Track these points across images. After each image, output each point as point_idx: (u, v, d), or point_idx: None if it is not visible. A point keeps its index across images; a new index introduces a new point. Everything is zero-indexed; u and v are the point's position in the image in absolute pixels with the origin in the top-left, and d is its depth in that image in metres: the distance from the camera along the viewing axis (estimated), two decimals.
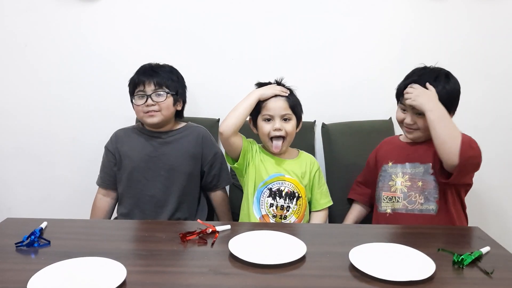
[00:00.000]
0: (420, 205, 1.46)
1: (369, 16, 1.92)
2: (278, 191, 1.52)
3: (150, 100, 1.60)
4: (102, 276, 0.96)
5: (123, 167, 1.66)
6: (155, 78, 1.61)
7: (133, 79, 1.64)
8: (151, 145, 1.66)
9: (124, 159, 1.66)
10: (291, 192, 1.52)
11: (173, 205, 1.64)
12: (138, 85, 1.62)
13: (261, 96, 1.50)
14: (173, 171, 1.64)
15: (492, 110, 1.98)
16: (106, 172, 1.72)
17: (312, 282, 0.98)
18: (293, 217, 1.52)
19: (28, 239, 1.13)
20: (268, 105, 1.51)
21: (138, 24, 1.93)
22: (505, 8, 1.91)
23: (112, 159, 1.69)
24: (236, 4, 1.91)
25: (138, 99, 1.62)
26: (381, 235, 1.25)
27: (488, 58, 1.95)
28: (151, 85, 1.61)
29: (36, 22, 1.93)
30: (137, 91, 1.62)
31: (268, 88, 1.53)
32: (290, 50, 1.95)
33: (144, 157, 1.64)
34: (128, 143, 1.68)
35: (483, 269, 1.03)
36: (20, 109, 2.01)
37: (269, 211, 1.51)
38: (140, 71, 1.65)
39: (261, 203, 1.52)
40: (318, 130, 1.98)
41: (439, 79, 1.45)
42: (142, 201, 1.65)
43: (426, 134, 1.47)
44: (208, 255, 1.10)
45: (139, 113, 1.64)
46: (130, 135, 1.70)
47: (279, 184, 1.52)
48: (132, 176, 1.65)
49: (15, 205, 2.09)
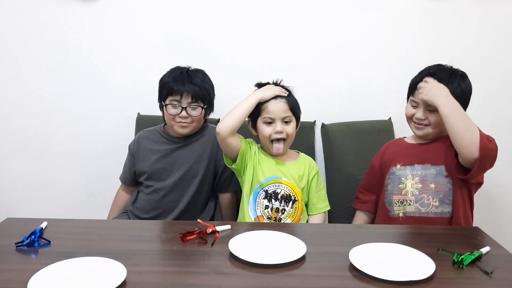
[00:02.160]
0: (435, 208, 1.43)
1: (370, 17, 1.92)
2: (274, 193, 1.51)
3: (185, 113, 1.59)
4: (102, 276, 0.96)
5: (140, 167, 1.68)
6: (192, 90, 1.58)
7: (169, 86, 1.58)
8: (170, 147, 1.66)
9: (143, 160, 1.68)
10: (287, 195, 1.52)
11: (184, 205, 1.64)
12: (173, 93, 1.58)
13: (261, 99, 1.50)
14: (188, 172, 1.64)
15: (492, 110, 1.98)
16: (126, 170, 1.75)
17: (312, 282, 0.98)
18: (288, 220, 1.51)
19: (28, 239, 1.13)
20: (268, 108, 1.50)
21: (138, 24, 1.93)
22: (506, 8, 1.91)
23: (132, 158, 1.72)
24: (236, 4, 1.91)
25: (172, 108, 1.59)
26: (381, 235, 1.25)
27: (490, 58, 1.94)
28: (188, 97, 1.58)
29: (36, 22, 1.93)
30: (172, 100, 1.59)
31: (268, 90, 1.52)
32: (290, 50, 1.95)
33: (161, 159, 1.65)
34: (148, 144, 1.69)
35: (483, 269, 1.03)
36: (20, 109, 2.01)
37: (264, 213, 1.51)
38: (177, 77, 1.59)
39: (257, 204, 1.52)
40: (318, 130, 1.97)
41: (455, 77, 1.45)
42: (155, 200, 1.65)
43: (435, 131, 1.46)
44: (208, 255, 1.11)
45: (170, 120, 1.62)
46: (152, 137, 1.71)
47: (275, 187, 1.52)
48: (148, 176, 1.66)
49: (15, 205, 2.09)
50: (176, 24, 1.93)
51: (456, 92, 1.41)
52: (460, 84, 1.44)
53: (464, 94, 1.45)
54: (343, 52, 1.95)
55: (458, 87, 1.43)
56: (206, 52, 1.95)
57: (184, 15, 1.92)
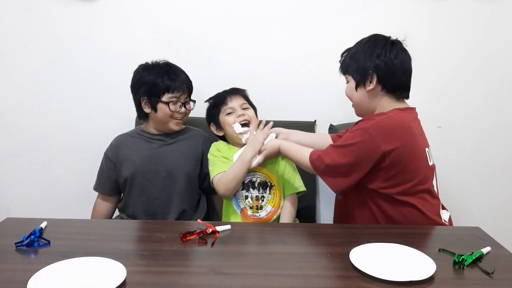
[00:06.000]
0: None
1: (370, 17, 1.91)
2: (250, 182, 1.55)
3: (184, 108, 1.65)
4: (102, 276, 0.95)
5: (124, 172, 1.66)
6: (188, 86, 1.66)
7: (166, 84, 1.61)
8: (151, 148, 1.67)
9: (125, 163, 1.66)
10: (263, 182, 1.55)
11: (179, 206, 1.64)
12: (174, 90, 1.62)
13: (256, 152, 1.50)
14: (173, 172, 1.64)
15: (493, 110, 1.98)
16: (105, 178, 1.72)
17: (312, 282, 0.98)
18: (268, 206, 1.54)
19: (28, 239, 1.13)
20: (227, 102, 1.59)
21: (137, 24, 1.93)
22: (506, 8, 1.90)
23: (112, 165, 1.69)
24: (237, 4, 1.91)
25: (173, 104, 1.63)
26: (382, 235, 1.25)
27: (490, 59, 1.94)
28: (185, 93, 1.66)
29: (36, 22, 1.93)
30: (171, 97, 1.62)
31: (254, 141, 1.51)
32: (290, 50, 1.94)
33: (145, 160, 1.65)
34: (128, 147, 1.68)
35: (484, 269, 1.03)
36: (20, 109, 2.01)
37: (245, 204, 1.53)
38: (172, 76, 1.63)
39: (238, 197, 1.55)
40: (318, 130, 1.97)
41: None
42: (147, 204, 1.65)
43: (356, 109, 1.49)
44: (208, 255, 1.10)
45: (166, 117, 1.64)
46: (130, 140, 1.70)
47: (250, 176, 1.55)
48: (134, 180, 1.65)
49: (15, 205, 2.08)
50: (176, 23, 1.93)
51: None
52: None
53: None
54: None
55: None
56: (206, 51, 1.95)
57: (183, 14, 1.92)
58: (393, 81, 1.39)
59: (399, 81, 1.40)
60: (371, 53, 1.39)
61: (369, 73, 1.38)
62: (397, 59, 1.38)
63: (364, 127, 1.32)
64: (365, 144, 1.30)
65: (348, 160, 1.31)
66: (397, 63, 1.38)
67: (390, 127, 1.32)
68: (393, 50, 1.39)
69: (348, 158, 1.32)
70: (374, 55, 1.38)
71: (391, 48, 1.39)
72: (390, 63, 1.37)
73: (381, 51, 1.38)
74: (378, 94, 1.40)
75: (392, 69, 1.37)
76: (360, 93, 1.42)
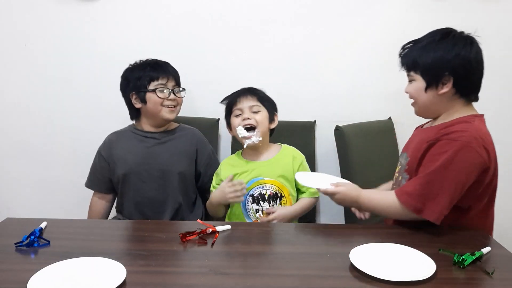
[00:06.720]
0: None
1: (370, 17, 1.92)
2: (260, 195, 1.52)
3: (173, 95, 1.63)
4: (102, 276, 0.95)
5: (117, 171, 1.65)
6: (174, 74, 1.66)
7: (150, 74, 1.62)
8: (144, 147, 1.66)
9: (118, 162, 1.65)
10: (273, 194, 1.52)
11: (173, 206, 1.64)
12: (156, 78, 1.62)
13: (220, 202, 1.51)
14: (166, 171, 1.64)
15: (493, 110, 1.97)
16: (98, 176, 1.72)
17: (312, 282, 0.98)
18: None
19: (27, 239, 1.13)
20: (237, 103, 1.55)
21: (137, 24, 1.93)
22: (506, 8, 1.90)
23: (105, 164, 1.69)
24: (237, 4, 1.91)
25: (160, 91, 1.62)
26: (382, 235, 1.25)
27: (491, 58, 1.94)
28: (172, 81, 1.65)
29: (36, 22, 1.94)
30: (158, 84, 1.62)
31: (222, 195, 1.48)
32: (290, 51, 1.95)
33: (138, 159, 1.64)
34: (122, 146, 1.68)
35: (484, 269, 1.03)
36: (19, 109, 2.01)
37: (256, 217, 1.52)
38: (153, 66, 1.64)
39: (248, 211, 1.53)
40: (318, 130, 1.97)
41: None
42: (142, 204, 1.65)
43: (420, 110, 1.33)
44: (208, 255, 1.10)
45: (157, 106, 1.63)
46: (123, 138, 1.70)
47: (260, 189, 1.52)
48: (127, 179, 1.64)
49: (15, 205, 2.09)
50: (176, 23, 1.93)
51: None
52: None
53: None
54: (343, 52, 1.95)
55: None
56: (206, 51, 1.95)
57: (184, 14, 1.92)
58: (469, 85, 1.25)
59: (474, 84, 1.26)
60: (448, 52, 1.21)
61: (445, 75, 1.22)
62: (476, 61, 1.23)
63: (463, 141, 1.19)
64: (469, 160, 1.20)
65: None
66: (475, 66, 1.23)
67: (488, 139, 1.27)
68: (473, 50, 1.22)
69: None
70: (451, 55, 1.21)
71: (471, 47, 1.22)
72: (468, 66, 1.21)
73: (460, 51, 1.21)
74: (450, 97, 1.25)
75: (470, 72, 1.23)
76: (429, 95, 1.26)
